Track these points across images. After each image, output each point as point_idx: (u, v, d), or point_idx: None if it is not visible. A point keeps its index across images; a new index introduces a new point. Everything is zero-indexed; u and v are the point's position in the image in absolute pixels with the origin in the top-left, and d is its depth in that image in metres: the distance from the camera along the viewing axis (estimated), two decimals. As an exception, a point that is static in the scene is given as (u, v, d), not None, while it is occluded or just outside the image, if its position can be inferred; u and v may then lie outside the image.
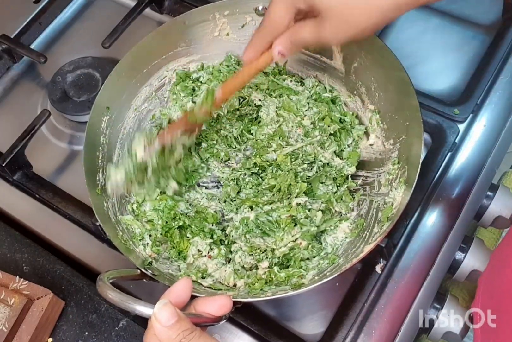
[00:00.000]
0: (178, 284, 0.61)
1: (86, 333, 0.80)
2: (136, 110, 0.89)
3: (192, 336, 0.56)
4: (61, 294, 0.82)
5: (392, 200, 0.77)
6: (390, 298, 0.81)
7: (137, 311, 0.57)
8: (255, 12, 0.88)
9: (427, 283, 0.82)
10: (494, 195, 0.90)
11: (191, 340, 0.56)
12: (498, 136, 0.93)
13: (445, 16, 1.05)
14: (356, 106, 0.89)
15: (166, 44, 0.89)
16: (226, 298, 0.61)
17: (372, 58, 0.83)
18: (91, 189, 0.78)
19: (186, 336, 0.56)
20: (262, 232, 0.81)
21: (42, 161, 0.97)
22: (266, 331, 0.80)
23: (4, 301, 0.75)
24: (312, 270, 0.77)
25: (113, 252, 0.87)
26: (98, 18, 1.13)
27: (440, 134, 0.91)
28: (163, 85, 0.92)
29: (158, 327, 0.55)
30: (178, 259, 0.80)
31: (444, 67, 1.01)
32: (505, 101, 0.95)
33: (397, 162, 0.80)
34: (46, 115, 0.93)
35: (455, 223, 0.86)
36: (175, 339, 0.55)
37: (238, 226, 0.82)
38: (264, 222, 0.81)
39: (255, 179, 0.86)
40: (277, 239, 0.80)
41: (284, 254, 0.79)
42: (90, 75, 1.02)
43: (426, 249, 0.84)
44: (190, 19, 0.87)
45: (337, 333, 0.80)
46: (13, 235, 0.88)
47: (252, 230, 0.81)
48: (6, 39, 1.03)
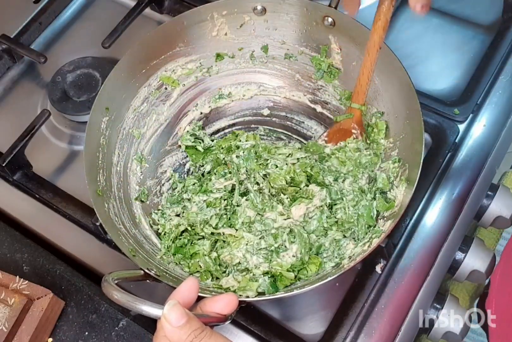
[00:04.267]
0: (185, 284, 0.61)
1: (86, 333, 0.80)
2: (135, 111, 0.89)
3: (203, 335, 0.56)
4: (61, 294, 0.82)
5: (394, 197, 0.77)
6: (390, 298, 0.81)
7: (144, 311, 0.57)
8: (253, 12, 0.88)
9: (427, 283, 0.83)
10: (494, 195, 0.90)
11: (202, 339, 0.56)
12: (498, 136, 0.93)
13: (445, 16, 1.05)
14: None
15: (165, 45, 0.89)
16: (232, 296, 0.61)
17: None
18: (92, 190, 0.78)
19: (197, 335, 0.56)
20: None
21: (42, 161, 0.97)
22: (266, 331, 0.80)
23: (4, 301, 0.75)
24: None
25: (113, 252, 0.87)
26: (98, 18, 1.12)
27: (440, 134, 0.91)
28: (161, 86, 0.92)
29: (168, 328, 0.55)
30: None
31: (444, 67, 1.01)
32: (505, 101, 0.95)
33: (397, 161, 0.80)
34: (46, 115, 0.93)
35: (455, 223, 0.86)
36: (186, 339, 0.55)
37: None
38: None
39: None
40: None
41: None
42: (90, 75, 1.02)
43: (426, 249, 0.84)
44: (188, 19, 0.87)
45: (337, 333, 0.80)
46: (13, 235, 0.88)
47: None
48: (6, 39, 1.03)
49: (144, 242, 0.81)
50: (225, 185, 0.85)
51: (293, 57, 0.93)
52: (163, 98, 0.93)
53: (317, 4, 0.84)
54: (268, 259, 0.78)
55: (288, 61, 0.94)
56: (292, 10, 0.87)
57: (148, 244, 0.82)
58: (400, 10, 1.04)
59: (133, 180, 0.87)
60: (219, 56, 0.94)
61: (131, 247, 0.76)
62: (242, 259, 0.78)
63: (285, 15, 0.88)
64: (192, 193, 0.87)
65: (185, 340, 0.55)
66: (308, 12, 0.85)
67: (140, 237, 0.81)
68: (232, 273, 0.78)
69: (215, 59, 0.94)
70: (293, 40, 0.91)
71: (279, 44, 0.92)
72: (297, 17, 0.87)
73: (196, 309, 0.61)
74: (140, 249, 0.78)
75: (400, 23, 1.04)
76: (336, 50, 0.87)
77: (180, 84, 0.93)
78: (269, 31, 0.91)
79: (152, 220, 0.86)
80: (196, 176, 0.90)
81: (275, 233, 0.79)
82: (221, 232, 0.82)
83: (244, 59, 0.95)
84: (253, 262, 0.78)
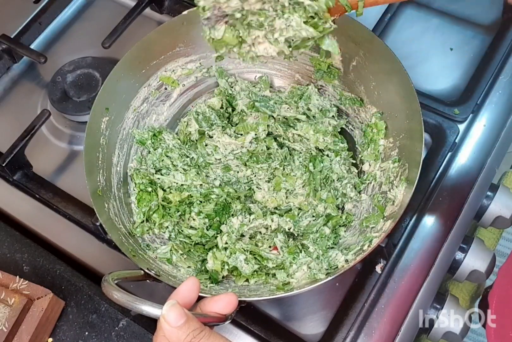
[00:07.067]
0: (185, 284, 0.61)
1: (86, 333, 0.80)
2: (135, 111, 0.89)
3: (202, 335, 0.56)
4: (61, 294, 0.82)
5: (394, 197, 0.77)
6: (390, 298, 0.81)
7: (144, 311, 0.57)
8: (254, 12, 0.88)
9: (427, 283, 0.83)
10: (494, 195, 0.90)
11: (201, 339, 0.56)
12: (498, 136, 0.93)
13: (445, 16, 1.05)
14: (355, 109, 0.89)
15: (165, 45, 0.89)
16: (232, 296, 0.61)
17: (371, 57, 0.83)
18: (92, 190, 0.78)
19: (196, 335, 0.56)
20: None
21: (42, 161, 0.97)
22: (266, 331, 0.81)
23: (4, 301, 0.75)
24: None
25: (113, 251, 0.87)
26: (98, 18, 1.12)
27: (440, 134, 0.91)
28: (161, 86, 0.92)
29: (167, 328, 0.55)
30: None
31: (444, 67, 1.01)
32: (505, 101, 0.95)
33: (397, 161, 0.80)
34: (46, 115, 0.93)
35: (455, 223, 0.86)
36: (185, 339, 0.55)
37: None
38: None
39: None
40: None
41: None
42: (90, 75, 1.02)
43: (426, 249, 0.84)
44: (188, 19, 0.87)
45: (337, 333, 0.80)
46: (13, 235, 0.88)
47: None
48: (6, 39, 1.03)
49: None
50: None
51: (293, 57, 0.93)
52: (163, 99, 0.93)
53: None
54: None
55: (288, 61, 0.94)
56: (292, 10, 0.87)
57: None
58: (400, 10, 1.04)
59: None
60: (219, 56, 0.93)
61: (131, 247, 0.76)
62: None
63: (285, 15, 0.88)
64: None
65: (184, 340, 0.55)
66: (308, 12, 0.85)
67: (139, 237, 0.81)
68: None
69: (215, 59, 0.94)
70: (293, 40, 0.91)
71: (279, 44, 0.92)
72: (297, 17, 0.87)
73: (196, 309, 0.61)
74: (140, 249, 0.78)
75: (400, 23, 1.04)
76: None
77: (180, 84, 0.93)
78: (269, 31, 0.91)
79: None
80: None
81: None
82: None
83: (244, 59, 0.95)
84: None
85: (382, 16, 1.00)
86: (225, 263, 0.79)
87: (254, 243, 0.82)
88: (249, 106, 0.90)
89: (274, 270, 0.79)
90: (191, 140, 0.92)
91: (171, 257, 0.80)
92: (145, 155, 0.89)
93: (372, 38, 0.81)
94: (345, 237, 0.82)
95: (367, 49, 0.83)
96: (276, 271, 0.79)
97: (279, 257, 0.79)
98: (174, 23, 0.87)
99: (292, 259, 0.78)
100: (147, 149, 0.89)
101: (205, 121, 0.91)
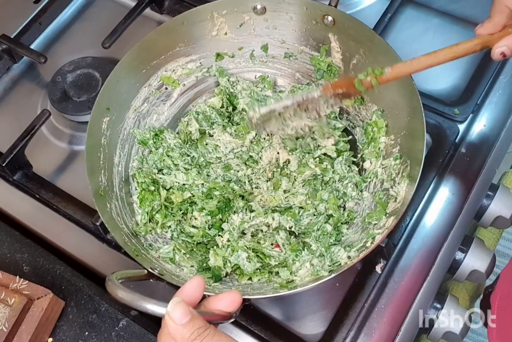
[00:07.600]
0: (190, 282, 0.61)
1: (86, 333, 0.80)
2: (136, 111, 0.89)
3: (206, 333, 0.56)
4: (61, 294, 0.82)
5: (396, 194, 0.77)
6: (390, 298, 0.81)
7: (149, 310, 0.57)
8: (253, 11, 0.88)
9: (427, 283, 0.83)
10: (494, 195, 0.90)
11: (205, 337, 0.56)
12: (498, 136, 0.93)
13: (445, 16, 1.05)
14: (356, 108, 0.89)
15: (165, 45, 0.89)
16: (236, 293, 0.61)
17: (371, 55, 0.83)
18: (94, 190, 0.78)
19: (201, 333, 0.55)
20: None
21: (42, 161, 0.97)
22: (266, 331, 0.81)
23: (4, 301, 0.75)
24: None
25: (113, 251, 0.87)
26: (98, 18, 1.13)
27: (440, 134, 0.91)
28: (162, 86, 0.92)
29: (172, 326, 0.55)
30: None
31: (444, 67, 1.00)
32: (505, 101, 0.95)
33: (399, 158, 0.80)
34: (46, 115, 0.93)
35: (455, 223, 0.86)
36: (190, 337, 0.55)
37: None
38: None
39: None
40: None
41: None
42: (90, 75, 1.02)
43: (426, 249, 0.84)
44: (188, 19, 0.87)
45: (337, 333, 0.80)
46: (13, 235, 0.88)
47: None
48: (6, 39, 1.03)
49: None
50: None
51: (293, 56, 0.93)
52: (164, 98, 0.93)
53: (317, 3, 0.85)
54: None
55: (288, 60, 0.94)
56: (292, 9, 0.87)
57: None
58: (400, 10, 1.04)
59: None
60: (219, 56, 0.94)
61: (134, 247, 0.76)
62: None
63: (285, 14, 0.88)
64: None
65: (188, 338, 0.55)
66: (308, 11, 0.86)
67: (142, 237, 0.82)
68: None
69: (215, 59, 0.94)
70: (293, 39, 0.91)
71: (279, 43, 0.92)
72: (297, 16, 0.88)
73: (200, 308, 0.61)
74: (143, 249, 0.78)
75: (400, 23, 1.04)
76: (336, 48, 0.87)
77: (180, 84, 0.93)
78: (269, 30, 0.91)
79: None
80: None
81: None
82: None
83: (244, 58, 0.95)
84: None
85: (382, 16, 1.00)
86: (227, 259, 0.80)
87: (256, 241, 0.82)
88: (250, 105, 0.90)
89: (277, 267, 0.79)
90: (191, 139, 0.92)
91: (174, 256, 0.80)
92: (146, 155, 0.89)
93: (373, 36, 0.81)
94: (347, 234, 0.82)
95: (367, 47, 0.83)
96: (279, 269, 0.79)
97: (281, 254, 0.79)
98: (174, 23, 0.87)
99: (294, 256, 0.79)
100: (148, 149, 0.89)
101: (205, 120, 0.91)
